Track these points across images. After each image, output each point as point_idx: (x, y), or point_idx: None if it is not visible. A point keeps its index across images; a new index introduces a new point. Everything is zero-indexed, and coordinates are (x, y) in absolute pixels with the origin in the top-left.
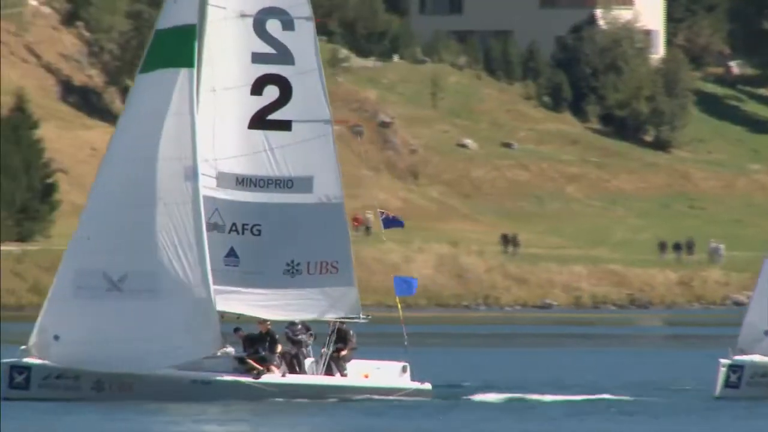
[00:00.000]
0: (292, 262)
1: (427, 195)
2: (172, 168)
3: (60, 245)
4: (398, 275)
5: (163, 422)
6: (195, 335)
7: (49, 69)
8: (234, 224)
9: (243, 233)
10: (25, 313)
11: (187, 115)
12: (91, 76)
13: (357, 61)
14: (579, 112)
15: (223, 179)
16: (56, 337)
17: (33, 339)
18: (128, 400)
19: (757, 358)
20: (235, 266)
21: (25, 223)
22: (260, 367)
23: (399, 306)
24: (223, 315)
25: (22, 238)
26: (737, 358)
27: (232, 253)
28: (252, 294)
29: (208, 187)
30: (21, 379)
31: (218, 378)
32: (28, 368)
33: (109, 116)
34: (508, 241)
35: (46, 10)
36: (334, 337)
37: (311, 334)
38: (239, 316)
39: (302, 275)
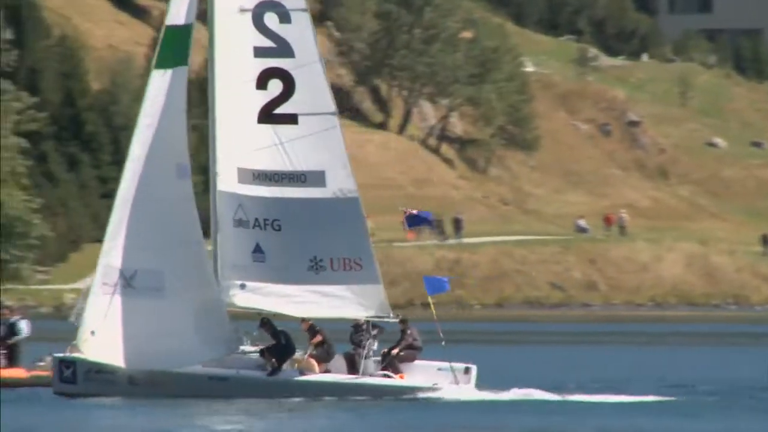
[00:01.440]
0: (315, 258)
1: (676, 194)
2: (166, 166)
3: None
4: (428, 276)
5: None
6: (204, 336)
7: None
8: (257, 219)
9: (265, 228)
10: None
11: (180, 113)
12: (341, 76)
13: (606, 60)
14: None
15: (242, 175)
16: (93, 333)
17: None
18: (160, 397)
19: None
20: (262, 262)
21: None
22: (275, 362)
23: (432, 304)
24: (259, 313)
25: None
26: None
27: (258, 249)
28: (280, 290)
29: (229, 183)
30: (68, 373)
31: (234, 374)
32: (73, 362)
33: (358, 116)
34: (767, 241)
35: None
36: (369, 336)
37: (374, 335)
38: (260, 312)
39: (327, 271)
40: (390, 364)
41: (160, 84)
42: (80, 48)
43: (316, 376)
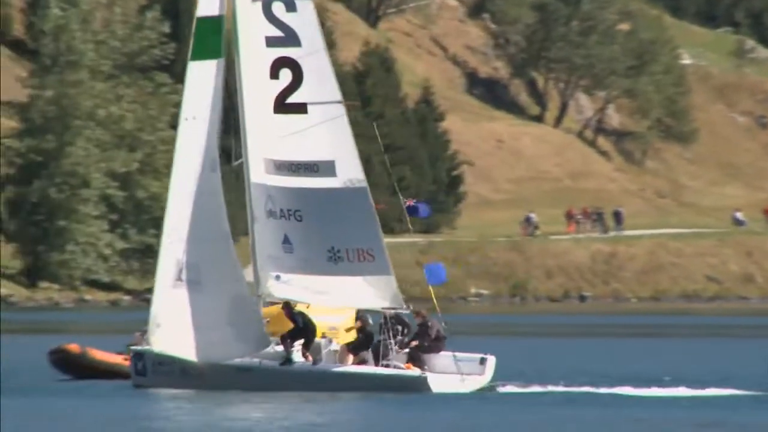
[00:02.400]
0: (333, 248)
1: None
2: (201, 160)
3: (465, 237)
4: (428, 264)
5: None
6: (238, 331)
7: (455, 61)
8: (281, 210)
9: (289, 219)
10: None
11: (216, 105)
12: (497, 68)
13: (763, 52)
14: None
15: (267, 166)
16: (158, 325)
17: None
18: (209, 389)
19: None
20: (291, 253)
21: (430, 215)
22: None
23: (433, 295)
24: (294, 304)
25: (427, 230)
26: None
27: (286, 240)
28: (307, 280)
29: (259, 174)
30: (141, 365)
31: (260, 365)
32: (143, 355)
33: (514, 108)
34: None
35: (453, 2)
36: (388, 329)
37: (399, 328)
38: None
39: (344, 262)
40: (412, 356)
41: (196, 76)
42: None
43: (302, 366)
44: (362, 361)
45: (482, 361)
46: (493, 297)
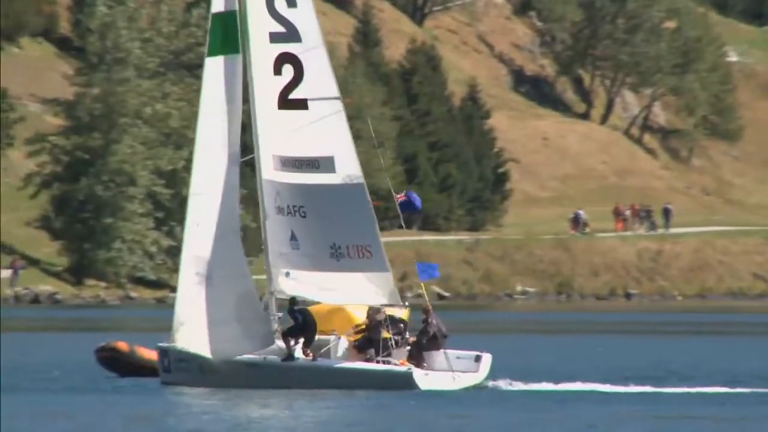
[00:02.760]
0: (334, 245)
1: None
2: (222, 154)
3: (511, 234)
4: (421, 261)
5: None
6: (246, 327)
7: (501, 59)
8: (288, 206)
9: (295, 215)
10: (477, 302)
11: (233, 101)
12: (543, 66)
13: None
14: None
15: (275, 162)
16: (182, 323)
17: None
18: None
19: None
20: (297, 249)
21: (476, 213)
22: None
23: (425, 291)
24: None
25: (473, 228)
26: None
27: (293, 237)
28: (313, 277)
29: (268, 170)
30: (166, 362)
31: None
32: (167, 352)
33: (560, 106)
34: None
35: (499, 0)
36: (386, 326)
37: (401, 326)
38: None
39: (345, 259)
40: (411, 353)
41: (212, 72)
42: None
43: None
44: (370, 359)
45: (477, 359)
46: (539, 295)
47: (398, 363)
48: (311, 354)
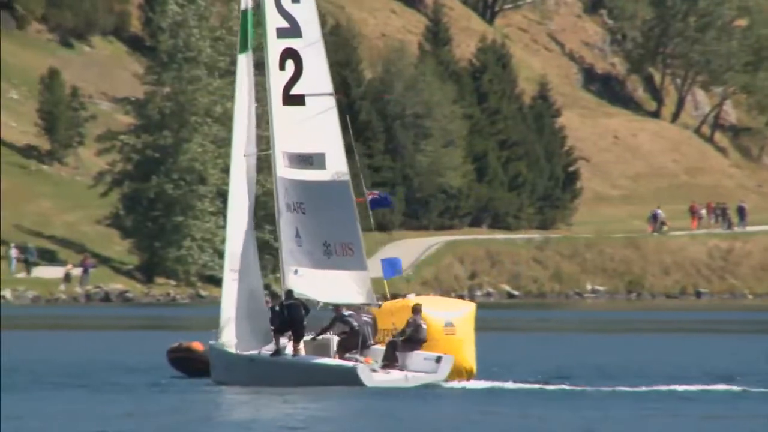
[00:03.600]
0: (326, 242)
1: None
2: (240, 152)
3: (581, 233)
4: (384, 258)
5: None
6: (252, 324)
7: (572, 57)
8: (293, 203)
9: (298, 212)
10: (547, 301)
11: (246, 98)
12: (614, 64)
13: None
14: None
15: (283, 158)
16: (229, 319)
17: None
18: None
19: None
20: (301, 246)
21: (546, 211)
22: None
23: (387, 289)
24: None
25: (543, 226)
26: None
27: (297, 234)
28: (313, 274)
29: (279, 167)
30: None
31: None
32: (213, 349)
33: (631, 104)
34: None
35: None
36: (333, 324)
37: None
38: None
39: (334, 256)
40: (386, 352)
41: (239, 69)
42: (354, 37)
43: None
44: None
45: (438, 360)
46: (609, 293)
47: (363, 360)
48: (300, 350)
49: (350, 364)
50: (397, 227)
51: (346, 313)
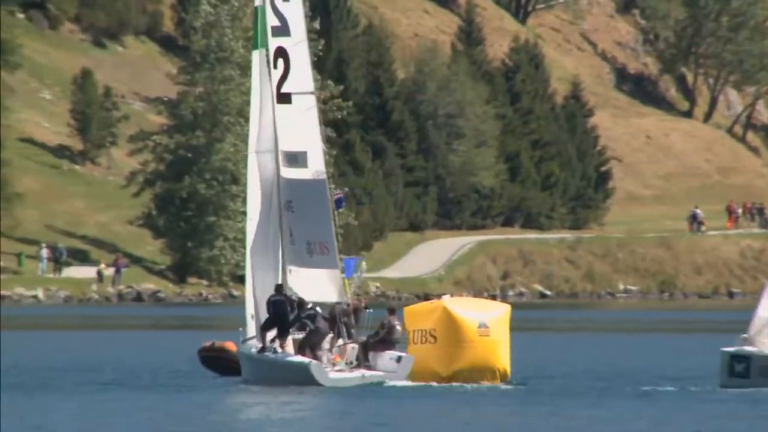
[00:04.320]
0: (308, 241)
1: None
2: (252, 149)
3: (613, 233)
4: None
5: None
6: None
7: (604, 57)
8: (287, 202)
9: (289, 210)
10: (579, 300)
11: (256, 95)
12: (646, 64)
13: None
14: None
15: (281, 157)
16: (251, 316)
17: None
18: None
19: None
20: (293, 245)
21: (579, 211)
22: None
23: (347, 287)
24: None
25: (575, 226)
26: None
27: (291, 232)
28: (302, 273)
29: (280, 166)
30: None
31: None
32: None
33: (663, 104)
34: None
35: None
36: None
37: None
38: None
39: (315, 255)
40: (358, 352)
41: (253, 65)
42: (387, 37)
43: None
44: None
45: (399, 360)
46: (642, 293)
47: (333, 358)
48: (286, 347)
49: (305, 361)
50: (429, 227)
51: (311, 312)
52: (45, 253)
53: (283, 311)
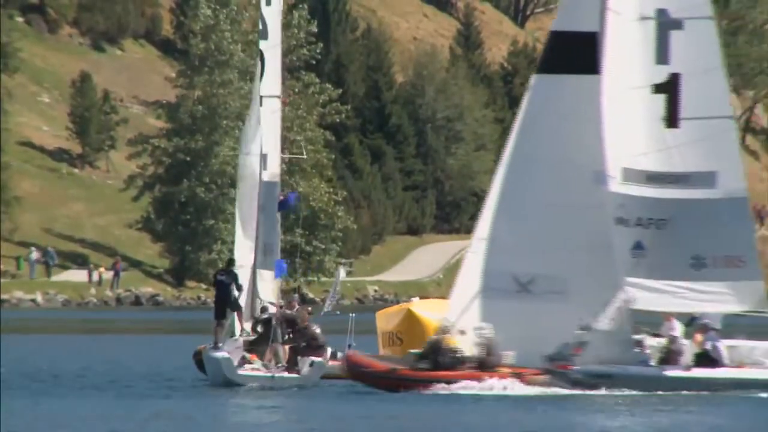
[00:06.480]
0: (265, 243)
1: None
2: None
3: None
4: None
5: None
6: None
7: None
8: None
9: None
10: None
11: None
12: None
13: None
14: None
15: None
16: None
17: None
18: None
19: None
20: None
21: None
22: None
23: (279, 290)
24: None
25: None
26: None
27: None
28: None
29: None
30: None
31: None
32: None
33: None
34: None
35: None
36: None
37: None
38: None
39: (269, 256)
40: (288, 357)
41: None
42: (386, 41)
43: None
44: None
45: (311, 364)
46: None
47: (249, 358)
48: (269, 355)
49: (219, 355)
50: (428, 230)
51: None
52: (34, 256)
53: (223, 293)
